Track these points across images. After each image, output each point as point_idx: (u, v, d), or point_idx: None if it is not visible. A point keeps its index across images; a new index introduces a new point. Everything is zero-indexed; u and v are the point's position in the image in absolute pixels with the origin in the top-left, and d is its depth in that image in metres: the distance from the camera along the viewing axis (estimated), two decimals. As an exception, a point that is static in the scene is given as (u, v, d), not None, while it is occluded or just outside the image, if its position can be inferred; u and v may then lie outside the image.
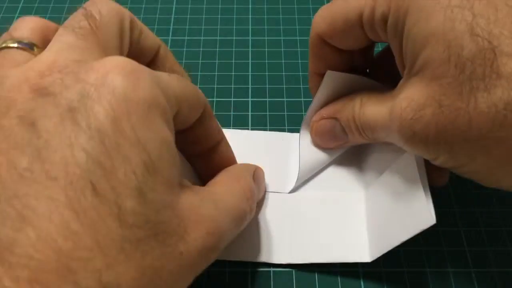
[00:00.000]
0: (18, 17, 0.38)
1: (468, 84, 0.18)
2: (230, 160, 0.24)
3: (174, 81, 0.18)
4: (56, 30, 0.18)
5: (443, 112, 0.18)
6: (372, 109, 0.23)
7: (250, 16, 0.39)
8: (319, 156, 0.28)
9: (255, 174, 0.24)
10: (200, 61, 0.35)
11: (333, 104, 0.26)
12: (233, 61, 0.35)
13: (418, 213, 0.21)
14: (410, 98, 0.20)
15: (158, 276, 0.15)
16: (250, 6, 0.39)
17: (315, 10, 0.39)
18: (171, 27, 0.38)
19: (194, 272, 0.17)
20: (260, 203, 0.27)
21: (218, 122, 0.23)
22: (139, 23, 0.21)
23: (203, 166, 0.24)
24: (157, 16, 0.39)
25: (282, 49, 0.36)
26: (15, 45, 0.17)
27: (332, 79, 0.25)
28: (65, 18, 0.18)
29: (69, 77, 0.15)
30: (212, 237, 0.17)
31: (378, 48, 0.33)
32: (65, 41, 0.17)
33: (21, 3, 0.39)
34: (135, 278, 0.14)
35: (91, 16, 0.18)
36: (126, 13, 0.20)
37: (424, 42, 0.19)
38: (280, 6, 0.39)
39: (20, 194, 0.13)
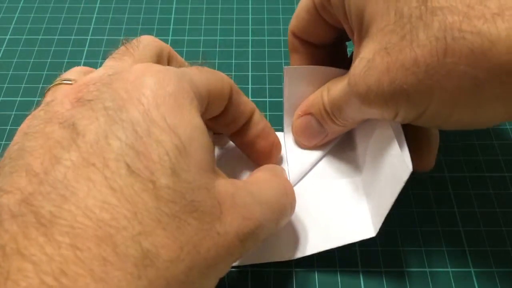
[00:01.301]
0: (18, 17, 0.38)
1: (409, 26, 0.18)
2: (265, 128, 0.25)
3: (199, 74, 0.20)
4: None
5: (391, 57, 0.19)
6: (336, 89, 0.24)
7: (250, 16, 0.39)
8: (307, 155, 0.28)
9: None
10: (200, 61, 0.35)
11: (306, 101, 0.27)
12: (233, 61, 0.35)
13: (397, 168, 0.22)
14: (361, 57, 0.21)
15: (196, 252, 0.16)
16: (250, 6, 0.39)
17: (315, 10, 0.39)
18: (171, 27, 0.38)
19: (232, 256, 0.17)
20: None
21: (245, 96, 0.24)
22: (179, 57, 0.23)
23: (245, 140, 0.25)
24: (157, 16, 0.39)
25: (282, 49, 0.36)
26: (64, 82, 0.20)
27: (292, 75, 0.26)
28: (65, 18, 0.18)
29: (103, 87, 0.17)
30: (248, 222, 0.18)
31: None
32: (104, 65, 0.20)
33: (21, 3, 0.39)
34: (173, 250, 0.15)
35: (130, 43, 0.21)
36: (166, 45, 0.22)
37: (364, 1, 0.20)
38: (280, 6, 0.40)
39: (62, 180, 0.15)
